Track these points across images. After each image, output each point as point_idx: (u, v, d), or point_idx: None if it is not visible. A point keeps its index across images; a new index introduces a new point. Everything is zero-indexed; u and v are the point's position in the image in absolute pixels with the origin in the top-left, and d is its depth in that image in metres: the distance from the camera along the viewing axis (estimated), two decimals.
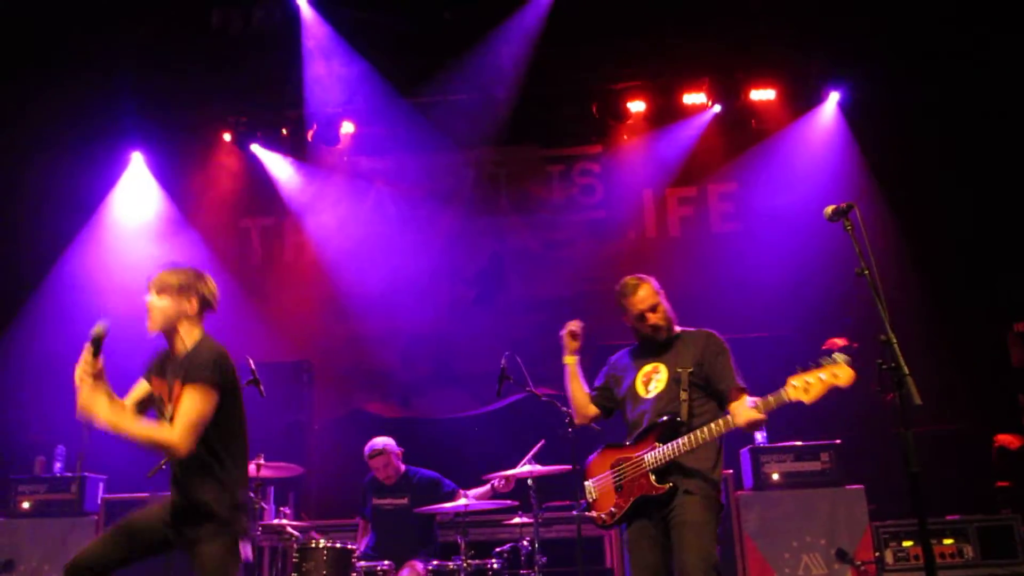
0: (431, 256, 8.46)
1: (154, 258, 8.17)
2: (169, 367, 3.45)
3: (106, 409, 3.28)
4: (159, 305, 3.44)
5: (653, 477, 3.76)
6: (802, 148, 8.15)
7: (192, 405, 3.25)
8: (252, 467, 5.55)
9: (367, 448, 5.88)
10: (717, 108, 8.19)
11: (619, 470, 3.88)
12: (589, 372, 4.33)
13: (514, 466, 5.31)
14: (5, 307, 7.99)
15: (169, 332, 3.46)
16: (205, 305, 3.53)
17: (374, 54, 8.02)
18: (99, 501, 6.45)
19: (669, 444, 3.73)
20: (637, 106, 8.25)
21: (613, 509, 3.87)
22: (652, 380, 3.97)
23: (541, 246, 8.55)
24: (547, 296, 8.27)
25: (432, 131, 8.34)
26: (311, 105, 8.27)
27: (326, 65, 8.13)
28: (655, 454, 3.76)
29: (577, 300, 8.10)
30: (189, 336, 3.45)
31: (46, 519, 6.33)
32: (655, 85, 8.29)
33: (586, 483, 4.02)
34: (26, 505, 6.43)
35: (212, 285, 3.59)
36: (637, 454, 3.83)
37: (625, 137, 8.57)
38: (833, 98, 8.15)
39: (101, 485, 6.59)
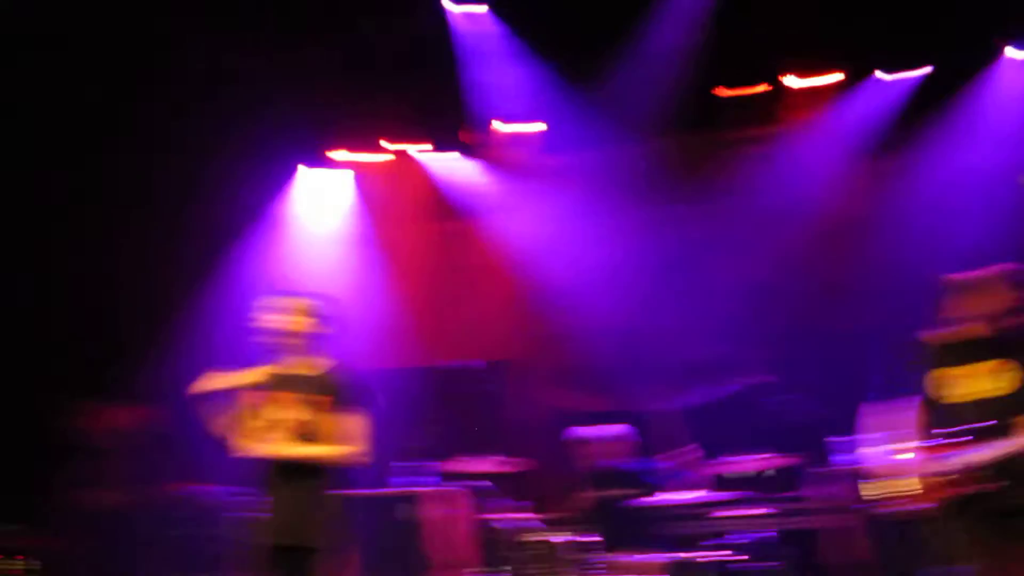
0: (617, 250, 8.47)
1: (335, 267, 8.75)
2: (294, 383, 3.82)
3: (284, 448, 3.73)
4: (294, 324, 3.84)
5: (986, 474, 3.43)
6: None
7: (359, 425, 3.79)
8: (478, 464, 5.83)
9: (573, 436, 6.02)
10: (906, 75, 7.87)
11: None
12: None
13: (727, 456, 5.31)
14: (174, 303, 8.55)
15: (299, 352, 3.85)
16: (331, 329, 3.95)
17: (543, 51, 8.13)
18: None
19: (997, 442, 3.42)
20: (817, 80, 8.03)
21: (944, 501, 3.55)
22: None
23: (729, 232, 8.43)
24: (740, 283, 8.16)
25: (606, 123, 8.39)
26: (485, 108, 8.48)
27: (495, 68, 8.30)
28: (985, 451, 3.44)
29: (771, 285, 7.98)
30: (316, 357, 3.88)
31: None
32: (836, 56, 8.04)
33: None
34: None
35: (337, 310, 4.00)
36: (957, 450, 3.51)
37: (807, 112, 8.35)
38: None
39: (345, 482, 6.97)
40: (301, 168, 9.20)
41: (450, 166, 8.99)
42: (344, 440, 3.79)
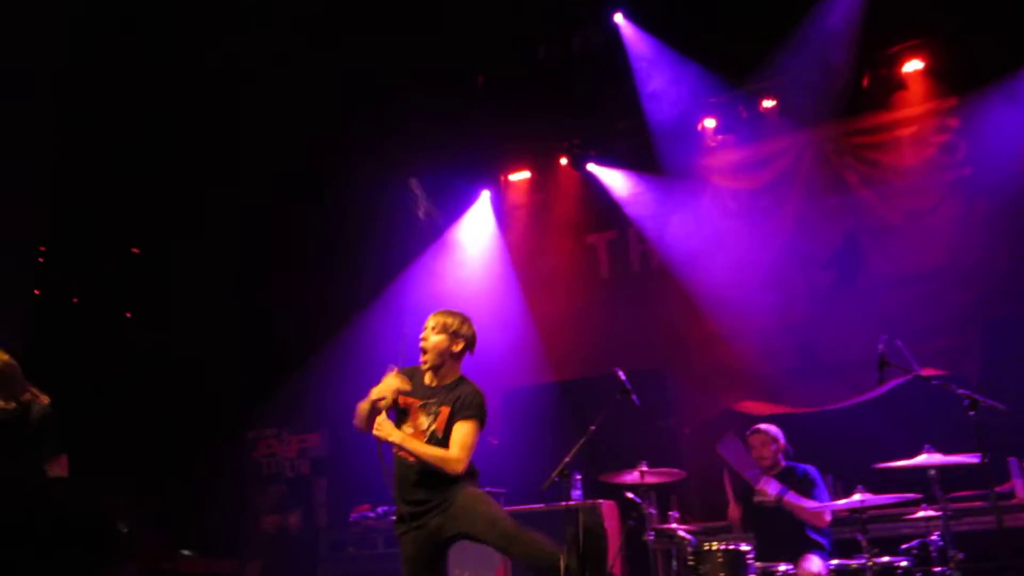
0: (780, 245, 8.18)
1: (489, 284, 8.96)
2: (426, 392, 4.19)
3: (397, 432, 4.08)
4: (434, 340, 4.18)
5: None
6: None
7: (469, 435, 4.07)
8: (636, 474, 5.73)
9: (750, 427, 5.83)
10: None
11: None
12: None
13: (906, 456, 4.93)
14: (341, 317, 8.93)
15: (436, 365, 4.20)
16: (468, 348, 4.25)
17: (701, 53, 8.03)
18: None
19: None
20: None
21: None
22: None
23: (901, 217, 7.89)
24: (914, 270, 7.61)
25: (767, 117, 8.16)
26: (645, 115, 8.42)
27: (654, 74, 8.28)
28: None
29: (949, 270, 7.39)
30: (450, 372, 4.21)
31: None
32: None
33: None
34: None
35: (473, 330, 4.26)
36: None
37: (981, 83, 7.67)
38: None
39: (501, 498, 7.10)
40: (484, 192, 9.51)
41: (606, 177, 8.98)
42: (454, 446, 4.06)
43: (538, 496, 6.51)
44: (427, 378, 4.25)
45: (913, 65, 7.75)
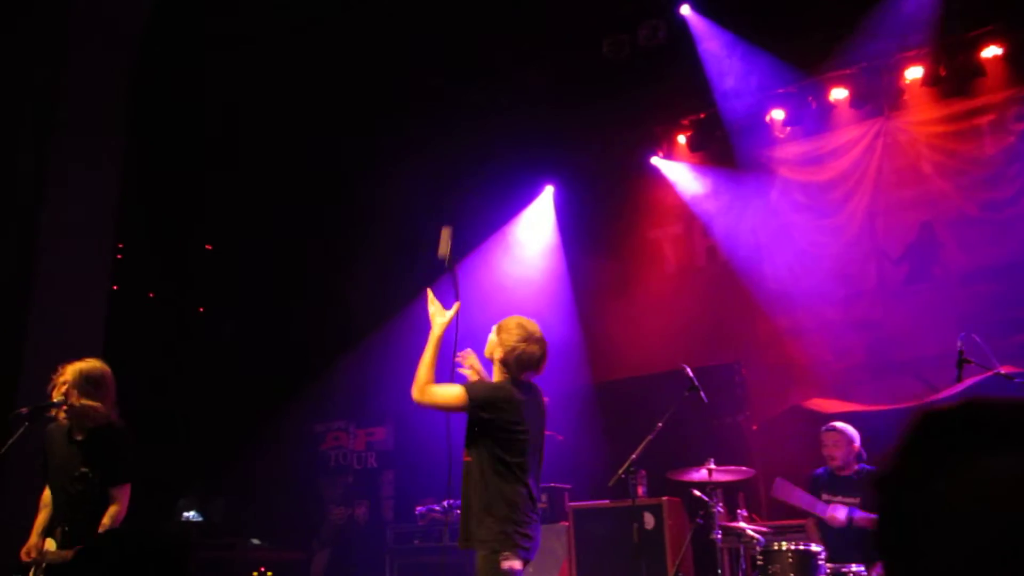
0: (850, 239, 8.01)
1: (552, 279, 8.92)
2: None
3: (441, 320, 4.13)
4: (492, 339, 4.13)
5: None
6: None
7: (448, 390, 3.96)
8: (704, 472, 5.67)
9: (826, 424, 5.72)
10: None
11: None
12: None
13: None
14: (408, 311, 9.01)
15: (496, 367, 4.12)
16: (518, 360, 4.06)
17: (768, 42, 7.92)
18: (566, 509, 6.96)
19: None
20: None
21: None
22: None
23: (978, 208, 7.65)
24: (993, 263, 7.37)
25: (838, 107, 8.00)
26: (711, 107, 8.38)
27: (721, 66, 8.18)
28: None
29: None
30: (497, 375, 4.12)
31: None
32: None
33: None
34: None
35: (534, 348, 4.09)
36: None
37: None
38: None
39: (566, 494, 7.12)
40: (548, 187, 9.51)
41: (671, 172, 8.91)
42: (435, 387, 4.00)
43: (604, 492, 6.49)
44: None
45: (992, 51, 7.51)
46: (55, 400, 4.35)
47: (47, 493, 4.50)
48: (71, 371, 4.37)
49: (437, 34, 8.20)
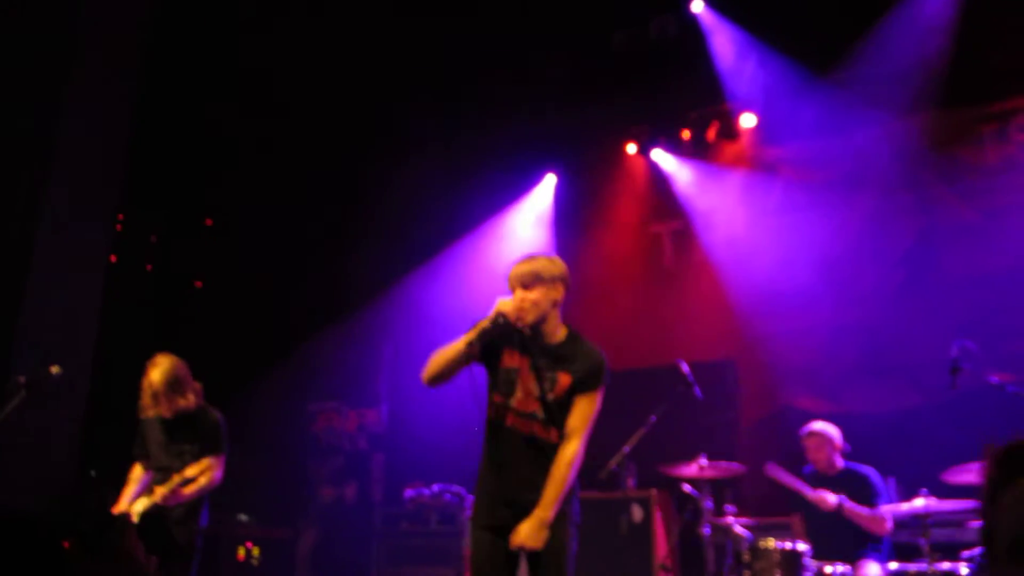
0: (849, 241, 8.00)
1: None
2: (536, 351, 3.48)
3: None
4: (531, 297, 3.45)
5: None
6: None
7: (593, 412, 3.44)
8: (695, 467, 5.70)
9: (804, 428, 5.74)
10: None
11: None
12: None
13: (973, 462, 4.82)
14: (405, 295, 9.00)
15: (540, 322, 3.49)
16: (567, 289, 3.60)
17: (777, 41, 7.93)
18: None
19: None
20: None
21: None
22: None
23: (978, 216, 7.66)
24: (989, 270, 7.39)
25: (845, 109, 8.01)
26: (718, 104, 8.40)
27: (733, 63, 8.19)
28: None
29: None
30: (559, 326, 3.54)
31: None
32: None
33: None
34: None
35: (564, 266, 3.65)
36: None
37: None
38: None
39: None
40: (549, 176, 9.50)
41: (672, 167, 8.90)
42: (579, 427, 3.52)
43: (594, 484, 6.52)
44: (542, 339, 3.50)
45: (998, 60, 7.50)
46: (152, 415, 4.90)
47: (137, 469, 4.96)
48: (152, 385, 4.80)
49: (444, 17, 8.19)
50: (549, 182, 9.48)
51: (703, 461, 5.71)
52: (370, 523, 7.65)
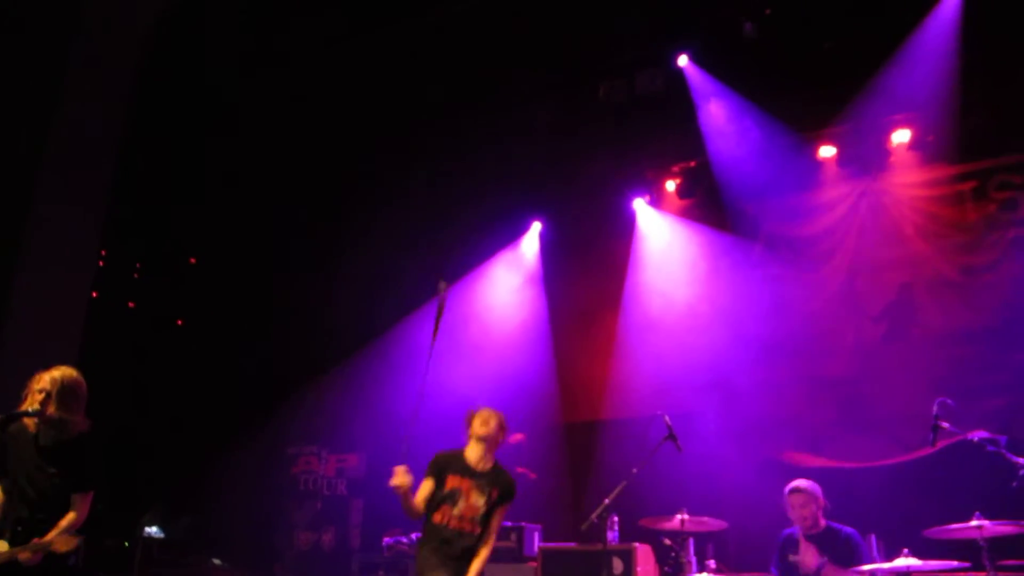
0: (830, 295, 8.07)
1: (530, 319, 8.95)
2: (477, 474, 4.86)
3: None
4: (495, 434, 4.93)
5: None
6: None
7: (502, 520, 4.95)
8: (676, 521, 5.66)
9: (789, 486, 5.72)
10: None
11: None
12: None
13: (953, 521, 4.81)
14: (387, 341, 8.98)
15: (486, 450, 4.92)
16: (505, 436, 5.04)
17: (764, 97, 8.07)
18: (536, 549, 6.90)
19: None
20: None
21: None
22: None
23: (958, 272, 7.75)
24: (969, 327, 7.45)
25: (825, 164, 8.12)
26: (707, 157, 8.49)
27: (716, 118, 8.32)
28: None
29: (1007, 328, 7.23)
30: (492, 458, 4.96)
31: (490, 565, 6.90)
32: None
33: None
34: None
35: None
36: None
37: None
38: None
39: (537, 534, 7.07)
40: (535, 224, 9.56)
41: (646, 218, 8.99)
42: (492, 531, 4.87)
43: (575, 535, 6.45)
44: (473, 460, 4.89)
45: (976, 120, 7.65)
46: (30, 409, 4.31)
47: None
48: (49, 380, 4.35)
49: (439, 67, 8.29)
50: (534, 230, 9.53)
51: (684, 515, 5.67)
52: (347, 570, 7.54)
